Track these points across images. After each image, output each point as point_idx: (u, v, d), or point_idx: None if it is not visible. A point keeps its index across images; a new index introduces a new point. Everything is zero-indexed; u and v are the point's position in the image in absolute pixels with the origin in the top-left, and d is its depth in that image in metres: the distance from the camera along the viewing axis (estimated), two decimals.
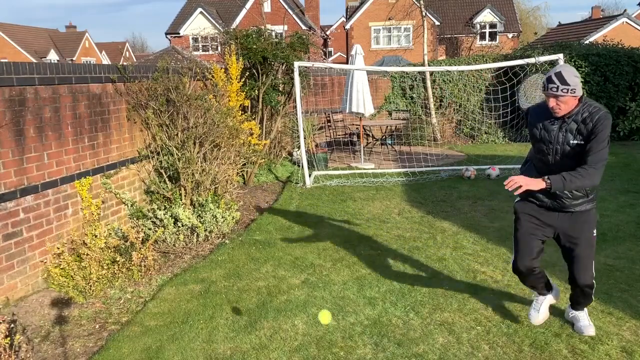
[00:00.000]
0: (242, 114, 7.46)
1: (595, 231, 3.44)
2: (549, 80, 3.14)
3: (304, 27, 31.43)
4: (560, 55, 8.73)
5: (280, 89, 9.42)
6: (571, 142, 3.22)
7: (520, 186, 3.10)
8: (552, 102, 3.19)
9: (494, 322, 3.88)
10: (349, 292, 4.48)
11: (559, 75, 3.11)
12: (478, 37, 34.88)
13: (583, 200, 3.36)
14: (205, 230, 5.86)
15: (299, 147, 9.52)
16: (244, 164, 7.83)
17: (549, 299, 3.79)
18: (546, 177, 3.12)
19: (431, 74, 13.98)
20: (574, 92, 3.13)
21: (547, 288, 3.76)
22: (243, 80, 7.88)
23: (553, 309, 4.04)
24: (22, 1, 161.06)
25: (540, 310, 3.75)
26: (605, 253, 5.19)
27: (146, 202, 6.17)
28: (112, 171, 5.55)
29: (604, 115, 3.14)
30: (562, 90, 3.12)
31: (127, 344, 3.74)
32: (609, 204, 6.95)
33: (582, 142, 3.18)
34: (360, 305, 4.24)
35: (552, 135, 3.30)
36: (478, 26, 34.69)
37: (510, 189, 3.12)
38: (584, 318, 3.73)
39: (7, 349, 3.37)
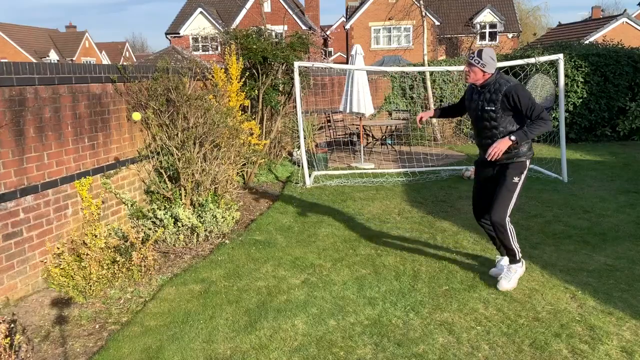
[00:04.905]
0: (242, 114, 7.46)
1: (516, 179, 4.20)
2: (471, 51, 4.15)
3: (304, 27, 31.43)
4: (560, 55, 8.73)
5: (280, 89, 9.42)
6: (486, 108, 4.15)
7: (500, 151, 4.06)
8: (465, 68, 4.19)
9: (494, 322, 3.88)
10: (349, 292, 4.48)
11: (480, 51, 4.12)
12: (478, 37, 34.89)
13: (508, 156, 4.20)
14: (205, 230, 5.86)
15: (299, 147, 9.52)
16: (244, 164, 7.84)
17: (520, 269, 4.50)
18: (510, 135, 4.04)
19: (431, 74, 13.98)
20: (483, 67, 4.10)
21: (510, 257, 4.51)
22: (243, 80, 7.88)
23: (551, 308, 4.04)
24: (22, 1, 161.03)
25: (499, 264, 4.68)
26: (605, 253, 5.19)
27: (146, 202, 6.17)
28: (112, 171, 5.55)
29: (509, 87, 4.03)
30: (474, 60, 4.10)
31: (127, 344, 3.74)
32: (609, 204, 6.95)
33: (494, 109, 4.09)
34: (360, 305, 4.24)
35: (474, 104, 4.27)
36: (478, 26, 34.70)
37: (494, 159, 4.11)
38: (506, 273, 4.42)
39: (7, 349, 3.37)
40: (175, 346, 3.70)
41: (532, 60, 9.12)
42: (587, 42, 16.55)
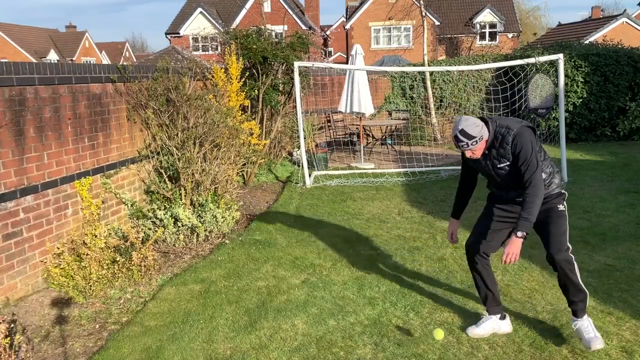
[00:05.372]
0: (242, 114, 7.46)
1: (561, 207, 3.56)
2: (457, 139, 3.39)
3: (304, 27, 31.42)
4: (560, 55, 8.73)
5: (280, 89, 9.42)
6: (499, 166, 3.51)
7: (516, 256, 3.39)
8: (468, 154, 3.49)
9: None
10: (349, 292, 4.48)
11: (463, 132, 3.36)
12: (478, 37, 34.87)
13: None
14: (205, 230, 5.86)
15: (299, 147, 9.52)
16: (244, 164, 7.83)
17: (494, 322, 3.73)
18: (516, 232, 3.37)
19: (431, 74, 13.98)
20: (482, 138, 3.41)
21: (496, 307, 3.77)
22: (243, 80, 7.88)
23: (551, 308, 4.04)
24: (22, 1, 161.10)
25: (480, 326, 3.73)
26: (605, 253, 5.19)
27: (146, 202, 6.17)
28: (112, 171, 5.55)
29: (513, 134, 3.39)
30: (471, 144, 3.40)
31: (127, 344, 3.74)
32: (609, 204, 6.95)
33: (510, 162, 3.45)
34: (360, 305, 4.24)
35: (481, 165, 3.60)
36: (478, 26, 34.69)
37: (512, 263, 3.50)
38: (587, 329, 3.50)
39: (7, 348, 3.37)
40: (175, 346, 3.70)
41: (532, 60, 9.12)
42: (587, 42, 16.55)
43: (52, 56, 47.99)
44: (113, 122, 5.60)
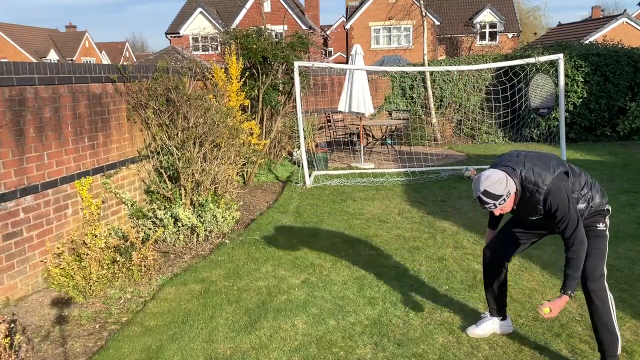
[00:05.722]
0: (242, 113, 7.46)
1: (601, 225, 3.24)
2: (482, 202, 3.05)
3: (304, 27, 31.42)
4: (560, 55, 8.73)
5: (280, 88, 9.42)
6: (531, 218, 3.24)
7: (552, 314, 3.03)
8: (497, 212, 3.15)
9: None
10: (349, 292, 4.48)
11: (486, 194, 3.01)
12: (478, 37, 34.87)
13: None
14: (205, 230, 5.86)
15: (299, 147, 9.52)
16: (244, 164, 7.83)
17: (494, 323, 3.68)
18: (562, 291, 3.02)
19: (431, 74, 13.98)
20: (509, 195, 3.04)
21: (499, 312, 3.68)
22: (243, 80, 7.88)
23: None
24: (22, 1, 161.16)
25: (480, 326, 3.68)
26: None
27: (146, 202, 6.17)
28: (112, 171, 5.55)
29: (545, 194, 3.04)
30: (499, 204, 3.04)
31: (127, 344, 3.74)
32: (609, 204, 6.94)
33: (542, 216, 3.14)
34: (360, 305, 4.24)
35: (512, 212, 3.29)
36: (478, 26, 34.68)
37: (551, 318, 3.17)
38: None
39: (7, 348, 3.37)
40: (175, 346, 3.70)
41: (532, 60, 9.13)
42: (587, 42, 16.56)
43: (52, 56, 47.98)
44: (113, 122, 5.60)
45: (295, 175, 9.20)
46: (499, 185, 3.00)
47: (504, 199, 3.02)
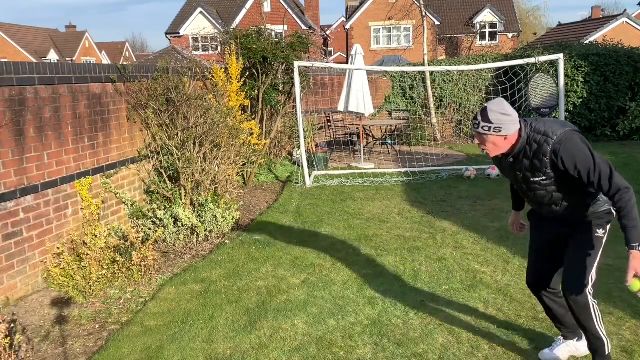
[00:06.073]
0: (242, 113, 7.46)
1: (600, 231, 2.96)
2: (474, 116, 2.82)
3: (304, 27, 31.42)
4: (560, 55, 8.73)
5: (280, 88, 9.42)
6: (532, 179, 2.89)
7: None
8: (477, 141, 2.89)
9: (493, 322, 3.88)
10: (349, 292, 4.48)
11: (484, 111, 2.77)
12: (478, 37, 34.88)
13: (589, 213, 2.95)
14: (205, 230, 5.86)
15: (299, 147, 9.52)
16: (244, 164, 7.83)
17: (570, 345, 3.28)
18: (632, 246, 2.72)
19: (431, 74, 13.98)
20: (498, 130, 2.75)
21: (571, 332, 3.28)
22: (243, 80, 7.88)
23: None
24: (22, 1, 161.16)
25: (554, 351, 3.29)
26: (606, 253, 5.15)
27: (146, 202, 6.17)
28: (112, 171, 5.55)
29: (554, 145, 2.73)
30: (482, 127, 2.77)
31: (127, 344, 3.74)
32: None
33: (545, 178, 2.84)
34: (360, 305, 4.24)
35: (511, 175, 3.02)
36: (478, 26, 34.70)
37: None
38: None
39: (7, 348, 3.37)
40: (175, 346, 3.70)
41: (532, 60, 9.12)
42: (587, 42, 16.55)
43: (52, 56, 47.98)
44: (113, 122, 5.60)
45: (295, 175, 9.20)
46: (502, 115, 2.74)
47: (491, 130, 2.75)
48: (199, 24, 32.83)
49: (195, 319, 4.09)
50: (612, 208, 2.90)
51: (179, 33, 34.59)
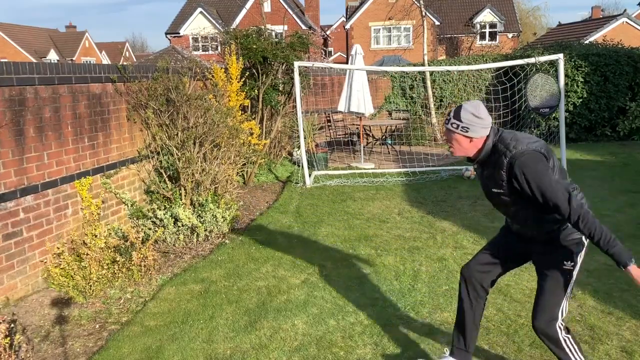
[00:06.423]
0: (242, 113, 7.46)
1: (568, 263, 2.75)
2: (449, 115, 2.75)
3: (304, 27, 31.42)
4: (560, 55, 8.73)
5: (280, 88, 9.42)
6: (492, 190, 2.78)
7: None
8: (444, 136, 2.86)
9: (493, 322, 3.88)
10: (349, 292, 4.48)
11: (458, 108, 2.70)
12: (478, 37, 34.89)
13: (552, 236, 2.77)
14: (205, 230, 5.86)
15: (299, 147, 9.53)
16: (244, 164, 7.83)
17: None
18: (623, 263, 2.52)
19: (431, 74, 13.98)
20: (465, 130, 2.67)
21: (461, 353, 3.15)
22: (243, 80, 7.88)
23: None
24: (22, 1, 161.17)
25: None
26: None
27: (146, 202, 6.17)
28: (112, 171, 5.55)
29: (510, 159, 2.61)
30: (452, 124, 2.71)
31: (127, 344, 3.74)
32: (609, 204, 6.95)
33: (503, 192, 2.72)
34: (360, 305, 4.24)
35: (479, 179, 2.94)
36: (478, 26, 34.70)
37: None
38: None
39: (7, 348, 3.37)
40: (175, 346, 3.70)
41: (532, 60, 9.12)
42: (587, 42, 16.55)
43: (52, 56, 47.98)
44: (113, 122, 5.60)
45: (295, 175, 9.20)
46: (472, 117, 2.66)
47: (459, 128, 2.67)
48: (199, 24, 32.84)
49: (195, 319, 4.09)
50: (582, 238, 2.74)
51: (179, 33, 34.59)
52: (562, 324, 2.78)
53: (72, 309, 4.32)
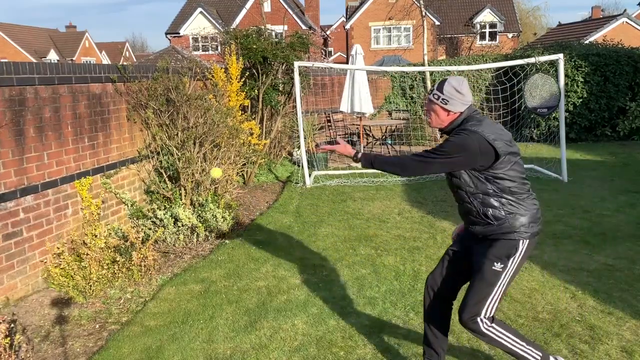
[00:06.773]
0: (242, 113, 7.46)
1: (498, 265, 2.76)
2: (433, 86, 2.87)
3: (304, 27, 31.42)
4: (560, 55, 8.73)
5: (280, 88, 9.42)
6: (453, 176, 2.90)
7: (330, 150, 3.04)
8: (425, 107, 2.92)
9: None
10: (349, 292, 4.48)
11: (442, 82, 2.83)
12: (478, 37, 34.89)
13: (488, 229, 2.80)
14: (205, 230, 5.86)
15: (299, 147, 9.52)
16: (244, 164, 7.83)
17: None
18: (357, 156, 2.98)
19: (431, 74, 13.98)
20: (445, 102, 2.80)
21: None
22: (243, 80, 7.88)
23: (551, 308, 4.04)
24: (22, 1, 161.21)
25: None
26: (606, 253, 5.19)
27: (146, 202, 6.17)
28: (112, 171, 5.55)
29: (458, 136, 2.77)
30: (433, 95, 2.84)
31: (127, 344, 3.74)
32: (609, 204, 6.95)
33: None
34: (360, 305, 4.24)
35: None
36: (478, 26, 34.70)
37: (324, 152, 2.86)
38: None
39: (7, 348, 3.37)
40: (175, 346, 3.70)
41: (532, 60, 9.12)
42: (587, 42, 16.55)
43: (52, 56, 47.98)
44: (113, 122, 5.60)
45: (295, 175, 9.20)
46: (455, 92, 2.79)
47: (446, 102, 2.79)
48: (199, 24, 32.84)
49: (195, 319, 4.09)
50: (520, 237, 2.75)
51: (179, 33, 34.59)
52: (484, 319, 2.79)
53: (72, 309, 4.32)
